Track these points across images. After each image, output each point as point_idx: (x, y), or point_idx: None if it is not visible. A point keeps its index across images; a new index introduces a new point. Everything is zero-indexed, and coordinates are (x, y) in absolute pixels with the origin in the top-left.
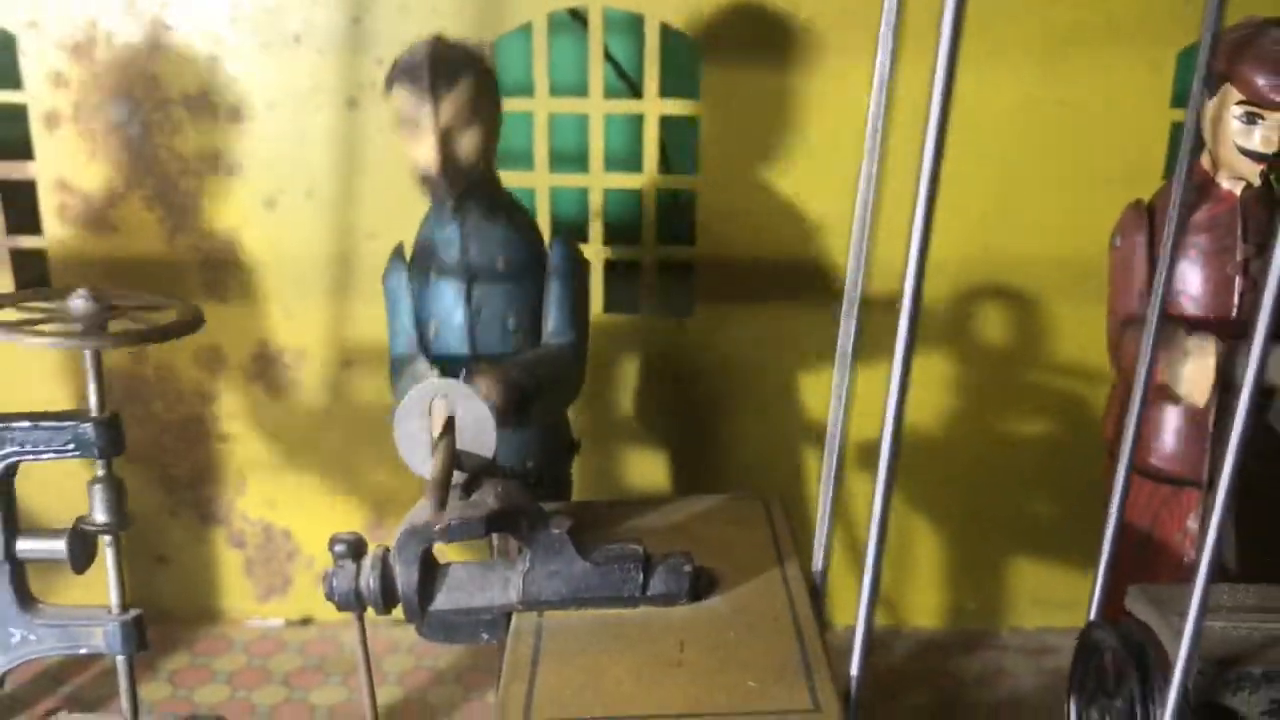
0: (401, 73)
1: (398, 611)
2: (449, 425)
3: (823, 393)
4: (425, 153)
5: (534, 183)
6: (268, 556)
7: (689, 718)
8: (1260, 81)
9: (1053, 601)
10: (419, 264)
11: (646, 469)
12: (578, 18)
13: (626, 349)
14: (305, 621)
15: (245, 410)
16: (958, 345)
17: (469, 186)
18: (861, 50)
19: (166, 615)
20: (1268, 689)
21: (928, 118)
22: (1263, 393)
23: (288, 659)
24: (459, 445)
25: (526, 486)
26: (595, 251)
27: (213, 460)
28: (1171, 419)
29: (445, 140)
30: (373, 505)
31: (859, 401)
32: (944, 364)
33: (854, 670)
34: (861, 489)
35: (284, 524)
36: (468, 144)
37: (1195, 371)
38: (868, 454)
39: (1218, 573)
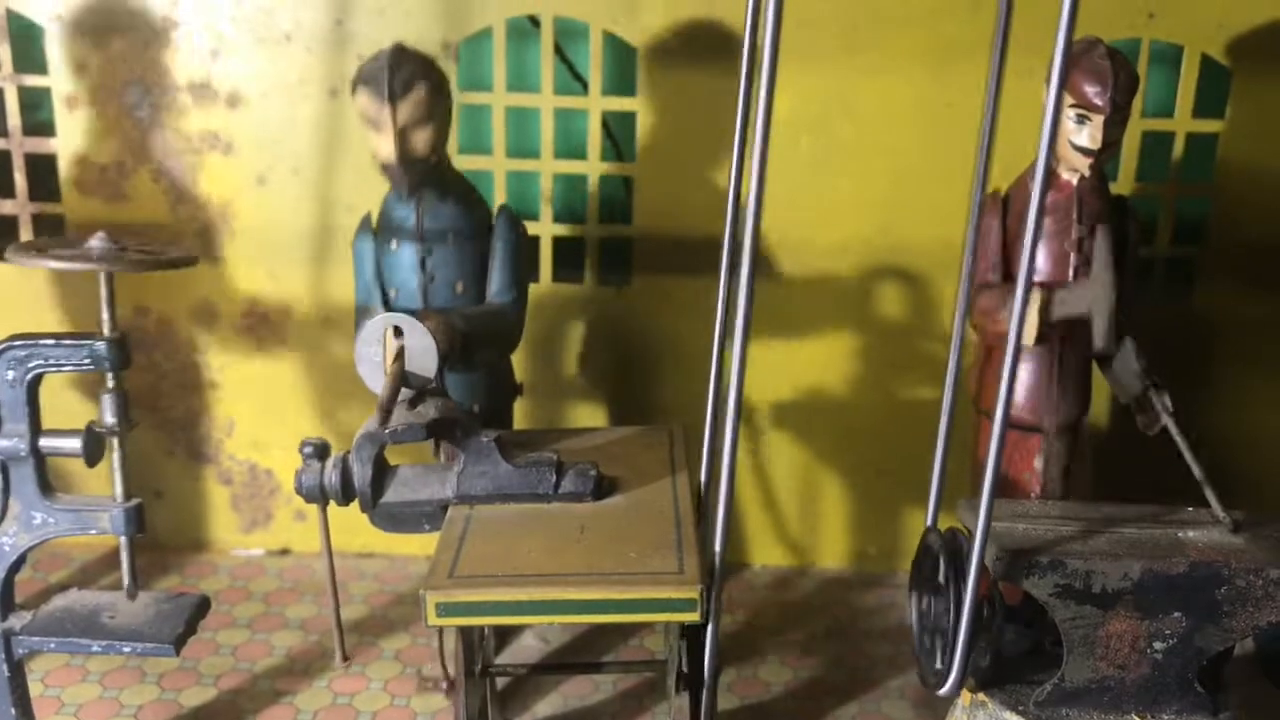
0: (364, 79)
1: (363, 543)
2: (400, 352)
3: None
4: (385, 148)
5: (491, 166)
6: (252, 493)
7: (582, 576)
8: (1089, 90)
9: None
10: (383, 233)
11: (585, 417)
12: (536, 24)
13: (571, 314)
14: (284, 552)
15: (235, 361)
16: (860, 317)
17: (424, 175)
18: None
19: (161, 545)
20: (1053, 574)
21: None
22: (1100, 358)
23: (267, 581)
24: (407, 367)
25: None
26: (545, 229)
27: (205, 405)
28: (1022, 375)
29: (402, 137)
30: (347, 448)
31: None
32: (848, 334)
33: (717, 548)
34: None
35: (267, 464)
36: (422, 140)
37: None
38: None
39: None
